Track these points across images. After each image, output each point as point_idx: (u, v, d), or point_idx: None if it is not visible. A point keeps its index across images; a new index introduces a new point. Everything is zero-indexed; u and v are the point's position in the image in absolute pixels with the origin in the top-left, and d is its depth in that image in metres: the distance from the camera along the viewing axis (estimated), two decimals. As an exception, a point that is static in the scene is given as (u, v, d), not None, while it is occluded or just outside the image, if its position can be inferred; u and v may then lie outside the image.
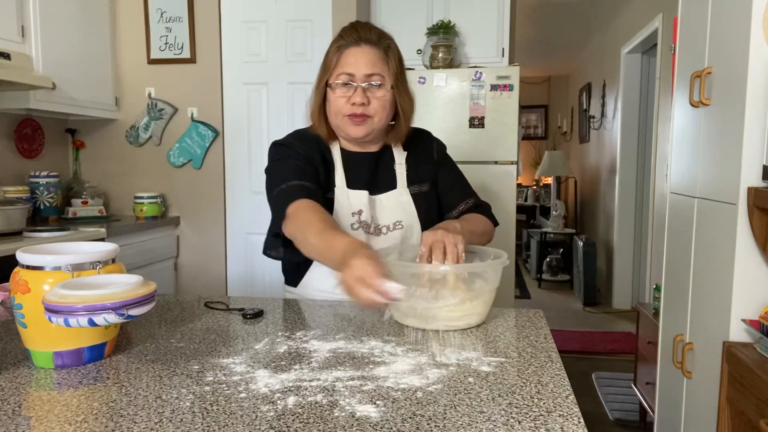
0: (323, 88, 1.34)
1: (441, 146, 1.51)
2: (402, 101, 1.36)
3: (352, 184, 1.37)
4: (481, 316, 1.15)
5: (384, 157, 1.43)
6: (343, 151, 1.41)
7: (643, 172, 4.63)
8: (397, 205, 1.39)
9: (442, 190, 1.47)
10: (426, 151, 1.47)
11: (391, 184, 1.41)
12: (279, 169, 1.34)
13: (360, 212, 1.36)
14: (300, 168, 1.33)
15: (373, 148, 1.42)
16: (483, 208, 1.49)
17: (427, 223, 1.40)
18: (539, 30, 5.54)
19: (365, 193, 1.37)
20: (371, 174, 1.40)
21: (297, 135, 1.42)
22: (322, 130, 1.38)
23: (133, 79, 3.30)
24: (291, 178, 1.30)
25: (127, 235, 2.80)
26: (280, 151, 1.38)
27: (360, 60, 1.30)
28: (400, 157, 1.43)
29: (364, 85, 1.30)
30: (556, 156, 6.35)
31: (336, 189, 1.37)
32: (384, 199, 1.39)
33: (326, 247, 1.11)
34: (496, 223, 1.49)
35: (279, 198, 1.29)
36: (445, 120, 2.99)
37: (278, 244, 1.34)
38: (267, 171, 1.38)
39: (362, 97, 1.29)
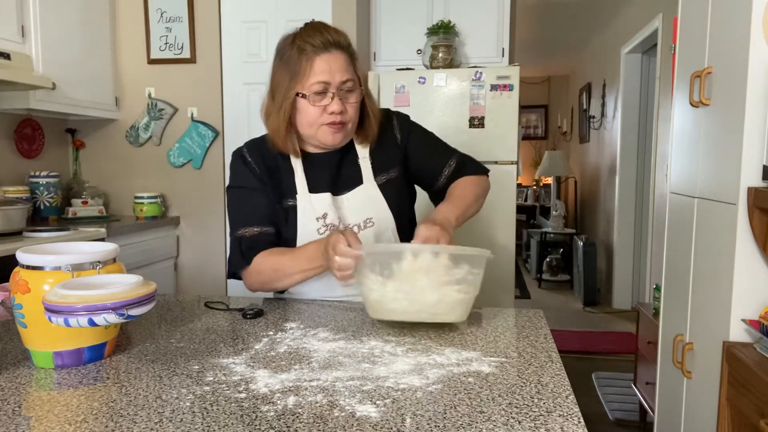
0: (293, 99, 1.27)
1: (402, 121, 1.44)
2: (370, 103, 1.35)
3: (313, 188, 1.33)
4: (464, 306, 1.10)
5: (347, 154, 1.38)
6: (303, 154, 1.36)
7: (643, 172, 4.63)
8: (365, 201, 1.35)
9: (419, 165, 1.42)
10: (388, 136, 1.40)
11: (357, 181, 1.36)
12: (238, 204, 1.36)
13: (325, 215, 1.32)
14: (258, 205, 1.33)
15: (336, 148, 1.37)
16: (467, 166, 1.45)
17: (399, 211, 1.37)
18: (539, 30, 5.54)
19: (328, 195, 1.33)
20: (334, 174, 1.36)
21: (256, 145, 1.39)
22: (289, 146, 1.32)
23: (133, 79, 3.30)
24: (249, 223, 1.32)
25: (127, 235, 2.80)
26: (238, 170, 1.37)
27: (333, 66, 1.24)
28: (363, 151, 1.38)
29: (339, 92, 1.26)
30: (556, 156, 6.35)
31: (297, 195, 1.33)
32: (351, 197, 1.35)
33: (303, 260, 1.24)
34: (485, 171, 1.47)
35: (240, 245, 1.33)
36: (445, 120, 2.99)
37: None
38: (228, 190, 1.39)
39: (340, 105, 1.25)
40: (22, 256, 0.93)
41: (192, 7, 3.20)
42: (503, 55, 3.25)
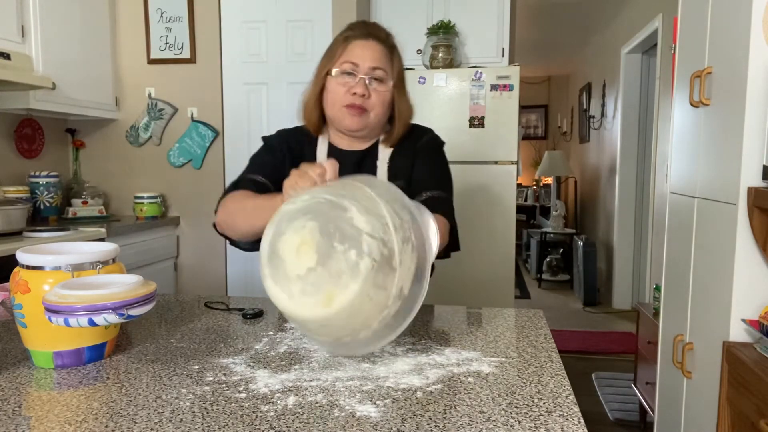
0: (323, 77, 1.33)
1: (430, 141, 1.43)
2: (400, 103, 1.36)
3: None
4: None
5: (369, 155, 1.40)
6: (330, 146, 1.40)
7: (643, 172, 4.63)
8: None
9: (412, 181, 1.38)
10: (411, 146, 1.40)
11: None
12: (251, 162, 1.41)
13: None
14: (262, 163, 1.37)
15: (362, 146, 1.40)
16: (441, 208, 1.27)
17: None
18: (539, 30, 5.54)
19: None
20: (352, 172, 1.33)
21: (282, 131, 1.45)
22: (312, 119, 1.37)
23: (133, 79, 3.30)
24: (255, 172, 1.36)
25: (127, 235, 2.80)
26: (262, 147, 1.43)
27: (366, 52, 1.30)
28: (384, 154, 1.39)
29: (367, 78, 1.29)
30: (556, 156, 6.35)
31: None
32: None
33: (265, 197, 1.16)
34: (451, 223, 1.31)
35: (237, 181, 1.36)
36: (445, 120, 2.99)
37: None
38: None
39: (363, 88, 1.28)
40: (22, 256, 0.93)
41: (192, 7, 3.20)
42: (503, 55, 3.25)
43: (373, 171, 1.38)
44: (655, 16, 3.82)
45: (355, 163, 1.38)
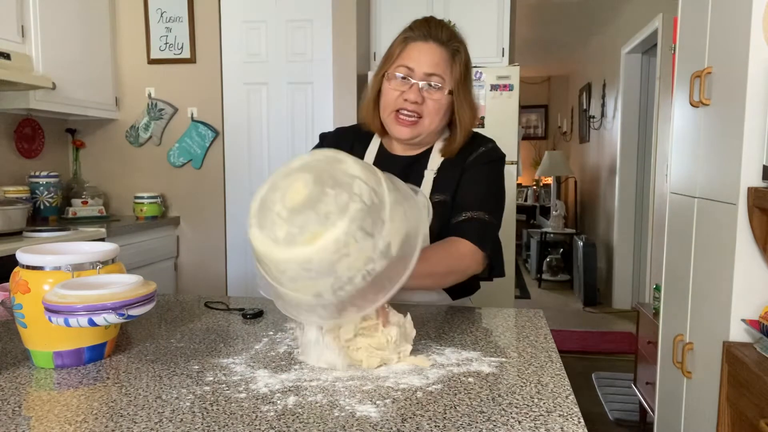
0: (380, 78, 1.27)
1: (483, 155, 1.31)
2: (460, 110, 1.26)
3: None
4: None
5: (419, 162, 1.32)
6: (380, 150, 1.35)
7: (643, 172, 4.63)
8: None
9: (457, 195, 1.29)
10: (462, 158, 1.30)
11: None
12: None
13: None
14: None
15: (414, 151, 1.33)
16: (475, 231, 1.22)
17: (441, 236, 1.24)
18: (539, 30, 5.54)
19: None
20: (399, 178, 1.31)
21: (338, 128, 1.44)
22: (375, 124, 1.32)
23: (133, 79, 3.30)
24: None
25: (127, 235, 2.80)
26: (315, 146, 1.42)
27: (423, 56, 1.23)
28: (434, 163, 1.31)
29: (421, 83, 1.23)
30: (556, 156, 6.35)
31: None
32: None
33: None
34: (484, 250, 1.23)
35: None
36: (445, 120, 2.99)
37: None
38: None
39: (417, 95, 1.22)
40: (22, 256, 0.93)
41: (192, 7, 3.20)
42: (503, 55, 3.25)
43: (419, 179, 1.30)
44: (655, 16, 3.82)
45: (402, 169, 1.30)
